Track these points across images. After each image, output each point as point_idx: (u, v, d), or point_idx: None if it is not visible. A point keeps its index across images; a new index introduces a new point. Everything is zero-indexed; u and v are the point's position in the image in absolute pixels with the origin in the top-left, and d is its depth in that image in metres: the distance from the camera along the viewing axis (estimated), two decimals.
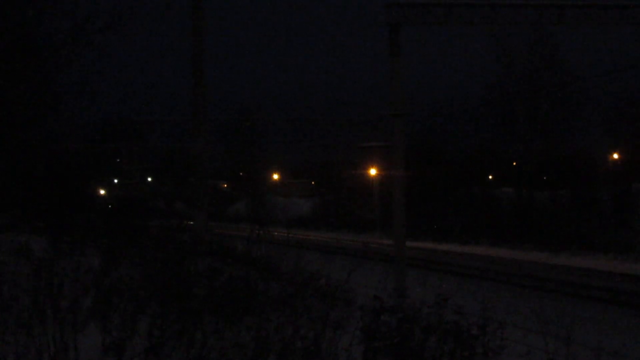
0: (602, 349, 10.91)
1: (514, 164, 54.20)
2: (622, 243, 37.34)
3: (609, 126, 51.75)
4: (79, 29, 21.62)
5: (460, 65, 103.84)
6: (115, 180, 77.53)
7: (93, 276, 12.80)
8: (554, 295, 24.82)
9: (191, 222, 26.18)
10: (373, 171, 59.21)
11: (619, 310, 21.82)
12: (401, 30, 22.21)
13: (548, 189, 48.93)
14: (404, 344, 9.25)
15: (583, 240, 39.29)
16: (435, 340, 9.43)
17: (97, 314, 10.69)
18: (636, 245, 36.56)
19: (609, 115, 51.44)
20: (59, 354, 9.20)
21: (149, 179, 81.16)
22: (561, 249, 38.67)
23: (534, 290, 26.13)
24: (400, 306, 11.85)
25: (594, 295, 24.43)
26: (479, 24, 24.01)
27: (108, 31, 21.43)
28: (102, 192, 65.79)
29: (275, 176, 72.66)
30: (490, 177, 61.15)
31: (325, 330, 9.46)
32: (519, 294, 25.10)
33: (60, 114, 25.68)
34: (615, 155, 50.89)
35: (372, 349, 8.94)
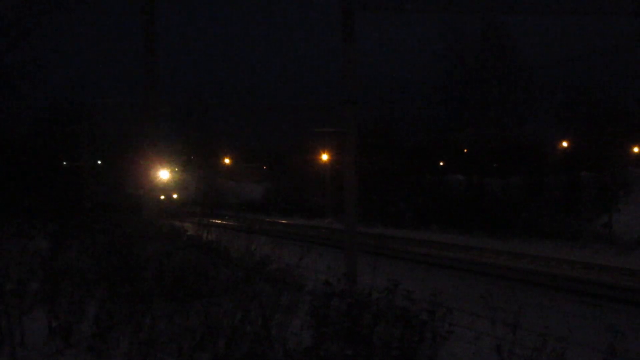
0: (548, 335, 11.05)
1: (465, 151, 54.61)
2: (570, 230, 37.89)
3: (560, 115, 52.31)
4: (26, 9, 21.23)
5: (414, 52, 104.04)
6: (64, 163, 76.40)
7: (40, 260, 12.69)
8: (502, 281, 25.08)
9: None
10: (325, 157, 59.22)
11: (565, 296, 22.14)
12: (355, 16, 22.18)
13: (499, 177, 49.35)
14: (353, 329, 9.30)
15: (533, 227, 39.79)
16: (385, 326, 9.50)
17: (44, 297, 10.61)
18: (583, 233, 37.14)
19: (560, 104, 52.01)
20: (5, 338, 9.12)
21: (99, 162, 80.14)
22: (511, 235, 39.14)
23: (482, 276, 26.40)
24: (351, 291, 11.92)
25: (542, 281, 24.76)
26: (432, 11, 24.15)
27: (57, 11, 21.09)
28: (51, 175, 64.11)
29: (227, 160, 72.28)
30: (441, 163, 61.54)
31: (275, 314, 9.49)
32: (467, 280, 25.35)
33: (8, 96, 25.30)
34: (565, 144, 51.50)
35: (321, 334, 8.98)
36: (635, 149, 49.23)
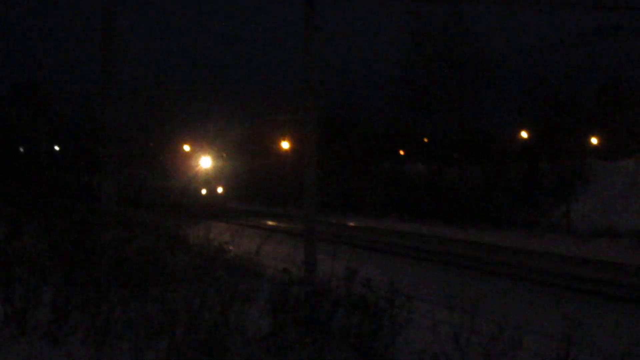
0: (505, 323, 11.17)
1: (425, 140, 54.87)
2: (528, 220, 38.26)
3: (520, 105, 52.77)
4: None
5: (377, 41, 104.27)
6: (21, 149, 75.51)
7: None
8: (460, 270, 25.27)
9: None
10: (286, 144, 59.05)
11: (523, 285, 22.34)
12: (317, 5, 22.16)
13: (458, 166, 49.65)
14: (312, 317, 9.32)
15: (491, 216, 40.13)
16: (344, 313, 9.54)
17: None
18: (541, 222, 37.51)
19: (520, 95, 52.50)
20: None
21: (56, 148, 79.11)
22: (469, 224, 39.44)
23: (441, 264, 26.55)
24: (310, 279, 11.94)
25: (499, 270, 24.96)
26: (394, 4, 24.12)
27: None
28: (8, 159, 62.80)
29: (187, 147, 71.68)
30: (401, 152, 61.77)
31: (233, 302, 9.46)
32: (426, 268, 25.47)
33: None
34: (525, 134, 51.91)
35: (280, 321, 9.00)
36: (594, 140, 49.76)
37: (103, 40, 21.50)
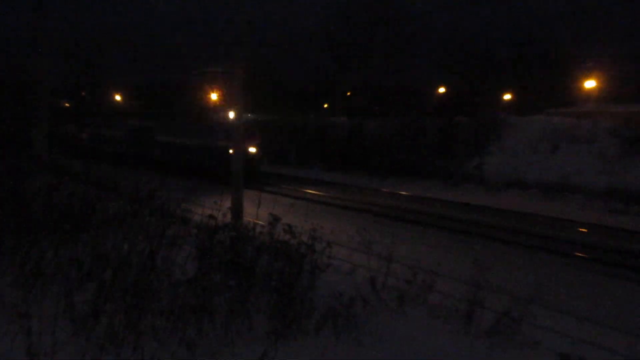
0: (419, 268, 11.44)
1: (348, 94, 55.03)
2: (445, 171, 38.82)
3: (439, 62, 53.33)
4: None
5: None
6: None
7: None
8: (378, 217, 25.61)
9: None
10: (214, 96, 58.58)
11: (437, 232, 22.77)
12: None
13: (379, 119, 49.97)
14: (236, 261, 9.40)
15: (409, 167, 40.57)
16: (267, 258, 9.65)
17: None
18: (456, 174, 38.11)
19: (439, 53, 53.07)
20: None
21: None
22: (388, 175, 39.86)
23: (360, 212, 26.87)
24: (235, 225, 12.00)
25: (416, 219, 25.37)
26: None
27: None
28: None
29: (118, 97, 70.57)
30: (325, 106, 61.82)
31: (161, 246, 9.48)
32: (347, 215, 25.74)
33: None
34: (442, 90, 52.47)
35: (205, 265, 9.04)
36: (507, 96, 50.51)
37: None
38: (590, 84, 47.44)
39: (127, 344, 6.63)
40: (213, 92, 58.79)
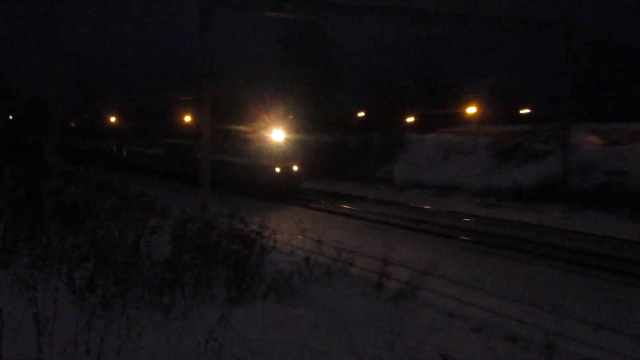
0: (343, 248, 11.50)
1: (290, 117, 55.06)
2: (362, 175, 39.09)
3: (361, 92, 53.97)
4: None
5: (259, 41, 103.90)
6: None
7: None
8: (313, 210, 25.65)
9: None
10: (188, 118, 57.50)
11: (358, 222, 22.83)
12: (212, 12, 21.93)
13: (315, 136, 50.20)
14: (203, 245, 9.39)
15: (337, 172, 40.69)
16: (227, 242, 9.62)
17: None
18: (372, 177, 38.45)
19: (361, 84, 53.78)
20: None
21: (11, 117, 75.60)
22: (322, 178, 39.98)
23: (298, 207, 26.77)
24: (203, 217, 11.93)
25: (341, 211, 25.45)
26: (270, 10, 24.07)
27: None
28: None
29: (113, 119, 69.33)
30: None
31: (144, 234, 9.39)
32: (289, 210, 25.64)
33: None
34: (362, 114, 52.81)
35: (178, 248, 9.01)
36: (410, 119, 50.98)
37: (48, 25, 20.60)
38: (471, 109, 48.18)
39: (116, 310, 6.53)
40: (188, 114, 57.71)
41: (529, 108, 46.22)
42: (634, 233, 20.64)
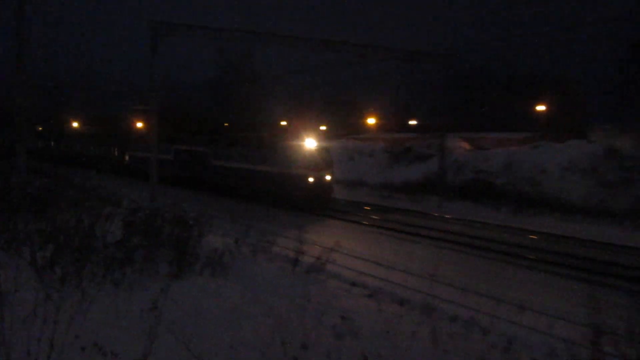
0: (266, 231, 11.47)
1: (226, 125, 54.38)
2: None
3: (281, 105, 54.23)
4: None
5: (201, 60, 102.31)
6: None
7: None
8: (245, 203, 25.37)
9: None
10: (140, 124, 55.65)
11: (282, 211, 22.70)
12: (159, 37, 21.42)
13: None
14: (149, 229, 9.16)
15: None
16: (169, 227, 9.42)
17: None
18: None
19: (280, 100, 54.17)
20: None
21: None
22: None
23: (233, 199, 26.43)
24: (150, 207, 11.61)
25: (264, 200, 25.20)
26: (207, 38, 23.70)
27: None
28: None
29: (75, 124, 66.33)
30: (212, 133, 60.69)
31: (99, 220, 9.06)
32: (225, 202, 25.27)
33: None
34: (284, 123, 52.83)
35: (129, 232, 8.76)
36: (322, 127, 51.27)
37: (17, 38, 19.51)
38: (371, 120, 48.87)
39: (72, 284, 6.28)
40: (139, 121, 55.85)
41: (416, 120, 47.22)
42: (494, 218, 21.49)
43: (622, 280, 12.15)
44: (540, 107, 33.90)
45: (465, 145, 33.87)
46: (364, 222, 20.11)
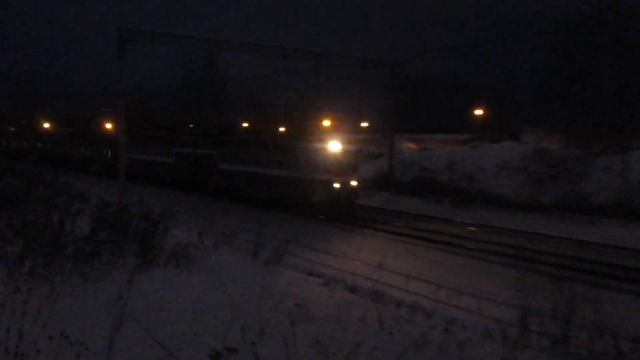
0: (229, 225, 11.38)
1: (191, 126, 53.76)
2: None
3: (244, 109, 53.86)
4: None
5: (167, 65, 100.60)
6: None
7: None
8: (207, 197, 25.00)
9: None
10: (109, 125, 54.12)
11: (242, 205, 22.52)
12: (127, 44, 20.94)
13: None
14: (117, 224, 9.00)
15: None
16: (136, 222, 9.26)
17: None
18: None
19: (240, 104, 54.00)
20: None
21: None
22: None
23: (196, 195, 26.04)
24: (118, 203, 11.37)
25: (230, 196, 24.91)
26: (174, 45, 23.40)
27: None
28: None
29: (47, 125, 63.95)
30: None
31: (67, 216, 8.82)
32: (190, 198, 24.85)
33: None
34: (246, 124, 52.47)
35: (97, 227, 8.58)
36: (281, 129, 51.20)
37: None
38: (326, 122, 49.03)
39: (42, 278, 6.09)
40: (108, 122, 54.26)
41: (367, 122, 47.59)
42: (437, 212, 21.87)
43: (549, 266, 12.57)
44: (478, 112, 34.69)
45: (412, 146, 34.40)
46: (321, 217, 20.07)
